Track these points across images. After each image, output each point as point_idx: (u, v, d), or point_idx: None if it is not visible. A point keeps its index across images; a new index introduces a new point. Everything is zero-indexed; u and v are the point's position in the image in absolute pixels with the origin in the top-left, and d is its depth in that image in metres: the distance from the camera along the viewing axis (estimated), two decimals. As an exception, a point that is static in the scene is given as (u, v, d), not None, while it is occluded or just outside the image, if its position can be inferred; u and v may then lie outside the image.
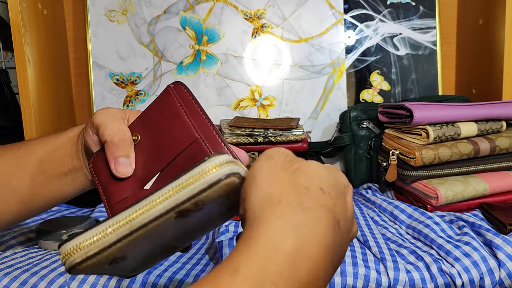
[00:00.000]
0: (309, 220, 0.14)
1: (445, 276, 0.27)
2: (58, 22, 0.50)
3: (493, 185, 0.35)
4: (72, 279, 0.26)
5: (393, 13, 0.51)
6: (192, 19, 0.51)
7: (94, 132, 0.22)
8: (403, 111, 0.38)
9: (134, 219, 0.15)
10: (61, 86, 0.50)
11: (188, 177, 0.15)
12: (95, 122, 0.22)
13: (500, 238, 0.29)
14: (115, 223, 0.15)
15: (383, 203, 0.37)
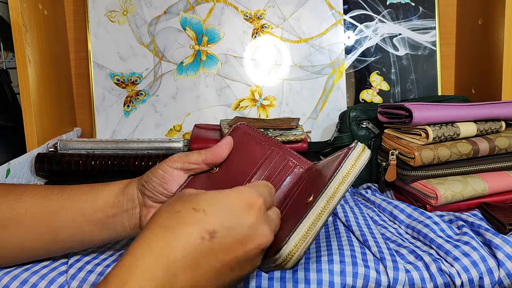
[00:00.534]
0: (170, 235, 0.18)
1: (444, 276, 0.27)
2: (59, 23, 0.50)
3: (492, 185, 0.35)
4: (73, 278, 0.26)
5: (393, 14, 0.51)
6: (192, 19, 0.51)
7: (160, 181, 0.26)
8: (403, 111, 0.38)
9: (330, 204, 0.21)
10: (61, 86, 0.50)
11: (351, 162, 0.22)
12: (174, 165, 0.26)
13: (499, 238, 0.29)
14: (319, 213, 0.21)
15: (382, 202, 0.37)
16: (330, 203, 0.21)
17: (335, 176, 0.22)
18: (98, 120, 0.51)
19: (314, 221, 0.21)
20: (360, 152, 0.23)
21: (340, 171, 0.22)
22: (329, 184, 0.22)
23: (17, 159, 0.39)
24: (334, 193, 0.21)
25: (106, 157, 0.40)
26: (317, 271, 0.26)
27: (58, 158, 0.40)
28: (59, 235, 0.26)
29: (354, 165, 0.22)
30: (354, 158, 0.22)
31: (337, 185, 0.21)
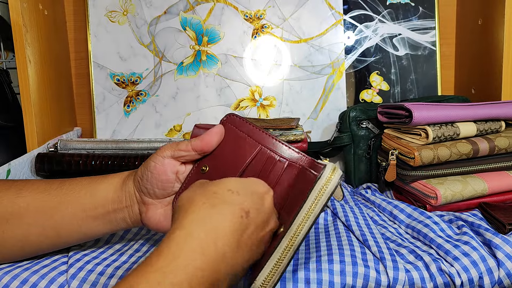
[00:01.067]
0: (214, 213, 0.20)
1: (444, 276, 0.27)
2: (59, 23, 0.50)
3: (492, 185, 0.35)
4: (73, 278, 0.26)
5: (393, 14, 0.52)
6: (193, 19, 0.51)
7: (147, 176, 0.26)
8: (403, 111, 0.38)
9: (296, 239, 0.22)
10: (62, 87, 0.50)
11: (317, 192, 0.22)
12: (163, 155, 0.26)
13: (499, 237, 0.29)
14: (284, 250, 0.22)
15: (382, 202, 0.37)
16: (294, 241, 0.22)
17: (298, 212, 0.22)
18: (98, 120, 0.51)
19: (279, 259, 0.22)
20: (326, 181, 0.22)
21: (303, 207, 0.22)
22: (293, 221, 0.22)
23: (18, 160, 0.39)
24: (297, 230, 0.22)
25: (106, 157, 0.40)
26: (317, 271, 0.26)
27: (58, 158, 0.40)
28: (62, 230, 0.26)
29: (319, 197, 0.21)
30: (318, 189, 0.21)
31: (300, 222, 0.22)
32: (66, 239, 0.26)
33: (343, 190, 0.35)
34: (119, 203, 0.26)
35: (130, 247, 0.31)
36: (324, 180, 0.22)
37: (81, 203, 0.26)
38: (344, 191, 0.43)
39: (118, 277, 0.26)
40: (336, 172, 0.22)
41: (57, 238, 0.26)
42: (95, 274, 0.27)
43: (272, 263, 0.22)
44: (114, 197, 0.26)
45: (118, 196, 0.26)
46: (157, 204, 0.26)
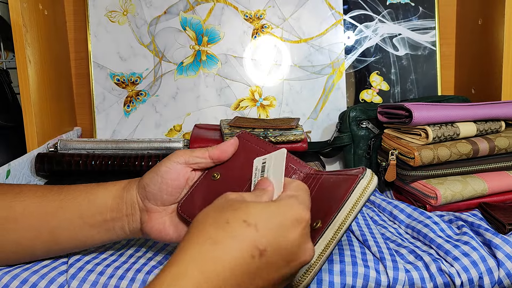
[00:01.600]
0: (216, 250, 0.18)
1: (444, 276, 0.27)
2: (59, 23, 0.50)
3: (492, 185, 0.35)
4: (73, 278, 0.26)
5: (393, 14, 0.51)
6: (192, 19, 0.51)
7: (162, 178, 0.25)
8: (403, 111, 0.38)
9: (336, 237, 0.22)
10: (62, 87, 0.50)
11: (359, 191, 0.22)
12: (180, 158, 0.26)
13: (499, 237, 0.29)
14: (327, 243, 0.22)
15: (382, 202, 0.37)
16: (338, 233, 0.22)
17: (343, 205, 0.22)
18: (98, 120, 0.51)
19: (323, 251, 0.21)
20: (369, 181, 0.23)
21: (348, 200, 0.22)
22: (337, 213, 0.22)
23: (17, 160, 0.39)
24: (342, 223, 0.22)
25: (106, 157, 0.40)
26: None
27: (58, 158, 0.40)
28: (59, 236, 0.26)
29: (363, 195, 0.22)
30: (363, 187, 0.22)
31: (345, 215, 0.22)
32: (62, 246, 0.26)
33: None
34: (118, 212, 0.26)
35: (130, 248, 0.31)
36: (367, 180, 0.22)
37: (79, 210, 0.25)
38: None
39: (118, 277, 0.26)
40: (375, 176, 0.23)
41: (53, 244, 0.26)
42: (95, 274, 0.27)
43: (314, 257, 0.21)
44: (113, 205, 0.26)
45: (117, 204, 0.26)
46: (162, 212, 0.26)
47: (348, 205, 0.22)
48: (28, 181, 0.41)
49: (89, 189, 0.26)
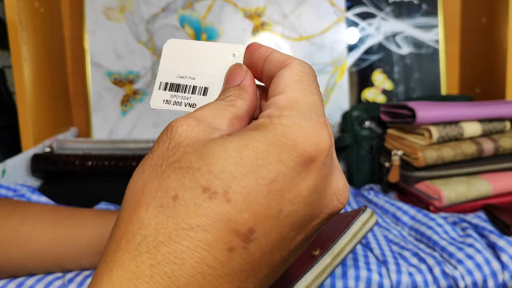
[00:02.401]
0: (163, 262, 0.10)
1: (448, 279, 0.26)
2: (55, 21, 0.49)
3: (497, 186, 0.35)
4: (70, 282, 0.26)
5: (396, 11, 0.51)
6: (191, 17, 0.50)
7: None
8: (406, 111, 0.37)
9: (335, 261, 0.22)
10: (57, 85, 0.49)
11: (359, 224, 0.23)
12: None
13: (503, 240, 0.28)
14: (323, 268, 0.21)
15: (385, 204, 0.37)
16: (335, 260, 0.22)
17: (343, 235, 0.22)
18: (95, 119, 0.50)
19: (317, 276, 0.21)
20: (368, 217, 0.23)
21: (348, 231, 0.23)
22: (337, 241, 0.22)
23: (13, 159, 0.38)
24: (340, 251, 0.22)
25: (103, 157, 0.39)
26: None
27: (54, 158, 0.40)
28: (64, 263, 0.25)
29: (362, 228, 0.23)
30: (362, 221, 0.23)
31: (344, 244, 0.22)
32: (65, 270, 0.26)
33: None
34: None
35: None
36: (367, 215, 0.23)
37: (89, 238, 0.25)
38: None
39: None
40: (374, 215, 0.24)
41: (56, 269, 0.25)
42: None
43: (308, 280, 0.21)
44: None
45: None
46: None
47: (347, 235, 0.22)
48: (24, 181, 0.40)
49: (101, 217, 0.25)
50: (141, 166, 0.12)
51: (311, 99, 0.12)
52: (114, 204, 0.36)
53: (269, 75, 0.14)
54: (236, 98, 0.14)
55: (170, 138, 0.12)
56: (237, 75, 0.14)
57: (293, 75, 0.13)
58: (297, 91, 0.12)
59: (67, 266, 0.25)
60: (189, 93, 0.15)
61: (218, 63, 0.15)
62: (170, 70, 0.15)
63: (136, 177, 0.12)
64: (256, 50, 0.14)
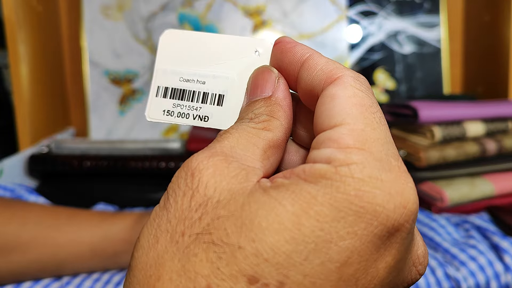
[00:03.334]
0: None
1: (450, 281, 0.26)
2: (53, 19, 0.49)
3: (500, 186, 0.34)
4: (68, 284, 0.25)
5: (398, 10, 0.50)
6: (190, 15, 0.50)
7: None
8: (408, 110, 0.37)
9: None
10: (55, 85, 0.49)
11: None
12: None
13: (507, 241, 0.28)
14: None
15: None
16: None
17: None
18: (93, 118, 0.50)
19: None
20: None
21: None
22: None
23: (10, 160, 0.38)
24: None
25: (102, 157, 0.39)
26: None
27: (52, 158, 0.39)
28: (65, 268, 0.25)
29: None
30: None
31: None
32: (66, 274, 0.25)
33: None
34: (130, 244, 0.24)
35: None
36: None
37: (91, 242, 0.24)
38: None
39: (114, 283, 0.26)
40: None
41: (57, 273, 0.25)
42: (91, 281, 0.26)
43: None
44: (125, 237, 0.24)
45: (130, 237, 0.24)
46: None
47: None
48: (21, 181, 0.40)
49: (104, 220, 0.25)
50: (152, 228, 0.08)
51: (383, 134, 0.09)
52: (112, 204, 0.35)
53: (309, 88, 0.10)
54: (270, 117, 0.10)
55: (192, 188, 0.08)
56: (267, 83, 0.10)
57: (351, 96, 0.09)
58: (363, 122, 0.09)
59: (67, 271, 0.25)
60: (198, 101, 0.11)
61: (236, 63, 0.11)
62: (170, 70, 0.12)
63: (147, 245, 0.08)
64: (290, 49, 0.10)
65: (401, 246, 0.09)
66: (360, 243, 0.08)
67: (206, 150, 0.09)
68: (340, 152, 0.09)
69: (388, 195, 0.08)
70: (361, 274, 0.08)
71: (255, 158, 0.09)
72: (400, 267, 0.09)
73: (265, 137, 0.10)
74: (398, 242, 0.08)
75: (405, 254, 0.09)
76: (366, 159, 0.08)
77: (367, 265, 0.08)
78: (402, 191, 0.08)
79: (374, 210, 0.08)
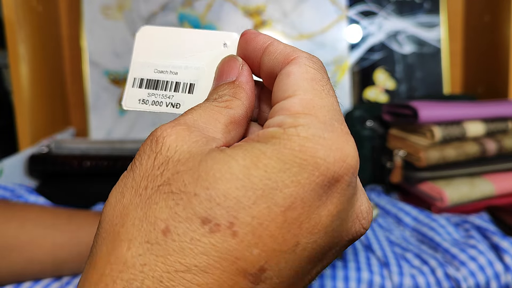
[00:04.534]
0: None
1: (450, 281, 0.26)
2: (53, 19, 0.49)
3: (500, 186, 0.34)
4: (68, 284, 0.25)
5: (398, 10, 0.50)
6: (190, 15, 0.50)
7: None
8: (408, 111, 0.37)
9: None
10: (55, 85, 0.49)
11: None
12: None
13: (506, 241, 0.28)
14: None
15: (387, 205, 0.36)
16: None
17: None
18: (93, 118, 0.50)
19: None
20: None
21: None
22: None
23: (10, 159, 0.38)
24: None
25: (101, 157, 0.39)
26: (319, 277, 0.25)
27: (52, 158, 0.39)
28: (64, 268, 0.24)
29: None
30: None
31: None
32: (65, 274, 0.25)
33: None
34: None
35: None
36: None
37: (89, 242, 0.24)
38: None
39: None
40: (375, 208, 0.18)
41: (55, 273, 0.25)
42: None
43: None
44: None
45: None
46: None
47: None
48: (21, 181, 0.40)
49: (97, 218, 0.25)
50: (119, 187, 0.10)
51: (329, 103, 0.10)
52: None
53: (270, 71, 0.11)
54: (232, 98, 0.11)
55: (155, 151, 0.09)
56: (231, 70, 0.12)
57: (304, 72, 0.11)
58: (312, 92, 0.10)
59: (66, 271, 0.25)
60: (171, 90, 0.12)
61: (206, 55, 0.12)
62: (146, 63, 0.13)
63: (114, 201, 0.09)
64: (253, 39, 0.12)
65: (342, 196, 0.10)
66: (303, 191, 0.09)
67: (171, 121, 0.10)
68: (290, 117, 0.10)
69: (329, 150, 0.09)
70: (304, 218, 0.09)
71: (216, 130, 0.10)
72: (343, 217, 0.10)
73: (226, 114, 0.11)
74: (339, 193, 0.09)
75: (347, 205, 0.10)
76: (312, 121, 0.10)
77: (310, 211, 0.09)
78: (342, 148, 0.10)
79: (315, 162, 0.09)
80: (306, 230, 0.09)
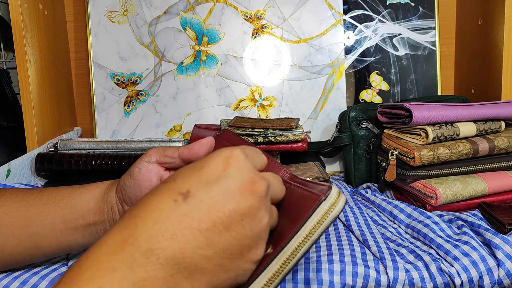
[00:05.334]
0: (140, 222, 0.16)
1: (444, 276, 0.27)
2: (59, 23, 0.50)
3: (492, 185, 0.35)
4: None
5: (393, 14, 0.52)
6: (193, 19, 0.51)
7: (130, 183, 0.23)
8: (402, 111, 0.38)
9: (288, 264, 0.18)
10: (62, 86, 0.50)
11: (321, 215, 0.18)
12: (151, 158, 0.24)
13: (499, 237, 0.29)
14: (273, 275, 0.18)
15: (382, 202, 0.37)
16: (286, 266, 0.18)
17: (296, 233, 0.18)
18: (98, 120, 0.51)
19: (266, 285, 0.18)
20: (332, 204, 0.18)
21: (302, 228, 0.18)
22: (288, 242, 0.18)
23: (18, 160, 0.39)
24: (293, 254, 0.18)
25: (107, 157, 0.40)
26: (317, 271, 0.26)
27: (58, 158, 0.40)
28: (40, 242, 0.24)
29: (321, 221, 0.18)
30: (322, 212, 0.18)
31: (297, 245, 0.18)
32: (46, 251, 0.25)
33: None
34: (100, 215, 0.24)
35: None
36: (329, 203, 0.18)
37: (61, 214, 0.24)
38: (344, 191, 0.43)
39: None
40: (342, 196, 0.19)
41: (35, 250, 0.25)
42: (95, 274, 0.26)
43: (261, 284, 0.18)
44: (95, 208, 0.24)
45: (99, 207, 0.24)
46: None
47: (301, 233, 0.18)
48: (28, 181, 0.41)
49: (72, 192, 0.25)
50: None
51: None
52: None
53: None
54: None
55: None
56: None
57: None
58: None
59: (45, 246, 0.24)
60: None
61: None
62: None
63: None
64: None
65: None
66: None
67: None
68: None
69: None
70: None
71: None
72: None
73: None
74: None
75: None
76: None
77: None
78: None
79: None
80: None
